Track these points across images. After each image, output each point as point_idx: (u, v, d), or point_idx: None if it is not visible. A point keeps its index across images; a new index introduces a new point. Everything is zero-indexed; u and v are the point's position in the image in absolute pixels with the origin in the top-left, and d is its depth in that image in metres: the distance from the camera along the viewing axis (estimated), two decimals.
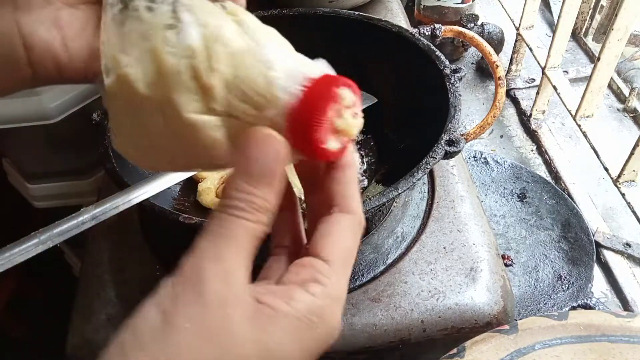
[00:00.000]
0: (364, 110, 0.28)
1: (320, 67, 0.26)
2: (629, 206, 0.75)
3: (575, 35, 1.13)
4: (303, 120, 0.25)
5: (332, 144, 0.25)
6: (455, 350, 0.45)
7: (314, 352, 0.24)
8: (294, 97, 0.25)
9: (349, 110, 0.26)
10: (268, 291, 0.24)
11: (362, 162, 0.61)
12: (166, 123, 0.25)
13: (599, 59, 0.75)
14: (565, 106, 0.86)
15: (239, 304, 0.23)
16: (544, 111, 0.98)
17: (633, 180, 0.74)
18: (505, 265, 0.74)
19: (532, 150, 0.96)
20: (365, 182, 0.60)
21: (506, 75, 1.07)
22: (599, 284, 0.75)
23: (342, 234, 0.26)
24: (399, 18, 0.85)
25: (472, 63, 1.13)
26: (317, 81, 0.25)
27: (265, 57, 0.25)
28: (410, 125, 0.60)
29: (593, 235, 0.76)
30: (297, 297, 0.24)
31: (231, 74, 0.25)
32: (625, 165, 0.73)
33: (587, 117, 0.82)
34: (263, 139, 0.24)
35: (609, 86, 1.01)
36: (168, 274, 0.23)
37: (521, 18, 0.98)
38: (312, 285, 0.24)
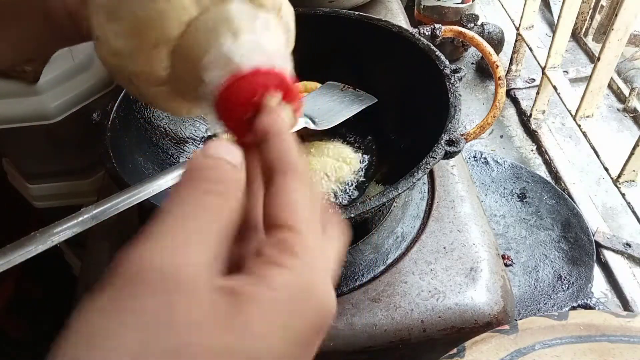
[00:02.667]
0: (363, 111, 0.28)
1: (265, 59, 0.25)
2: (629, 206, 0.75)
3: (575, 35, 1.13)
4: (221, 115, 0.25)
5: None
6: (455, 350, 0.45)
7: (311, 339, 0.19)
8: (218, 87, 0.25)
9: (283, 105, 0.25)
10: (234, 278, 0.19)
11: (362, 162, 0.61)
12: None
13: (599, 59, 0.75)
14: (565, 106, 0.86)
15: (194, 298, 0.17)
16: (544, 111, 0.98)
17: (633, 180, 0.74)
18: (505, 265, 0.74)
19: (532, 150, 0.96)
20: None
21: (506, 75, 1.07)
22: (599, 284, 0.75)
23: (292, 194, 0.21)
24: (399, 18, 0.85)
25: (472, 63, 1.13)
26: (237, 81, 0.24)
27: (213, 33, 0.25)
28: (410, 125, 0.60)
29: (593, 235, 0.76)
30: (270, 275, 0.19)
31: (179, 41, 0.26)
32: (625, 165, 0.73)
33: (587, 117, 0.82)
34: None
35: (609, 86, 1.01)
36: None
37: (521, 18, 0.98)
38: (286, 259, 0.19)
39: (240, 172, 0.22)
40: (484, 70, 1.09)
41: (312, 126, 0.57)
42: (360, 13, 0.64)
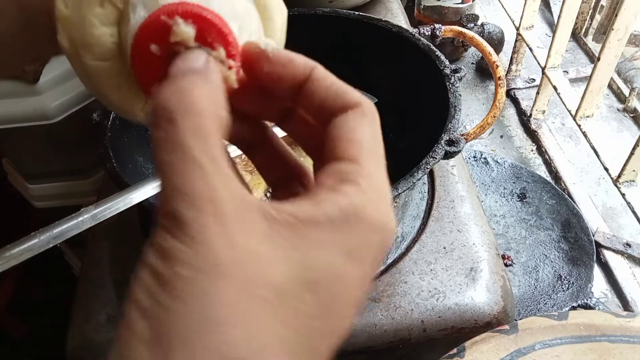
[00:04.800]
0: None
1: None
2: (629, 206, 0.75)
3: (575, 35, 1.13)
4: (134, 62, 0.23)
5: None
6: (455, 350, 0.45)
7: (371, 260, 0.19)
8: (138, 23, 0.23)
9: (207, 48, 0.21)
10: (285, 203, 0.19)
11: None
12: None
13: (599, 59, 0.75)
14: (565, 106, 0.86)
15: (245, 222, 0.17)
16: (544, 111, 0.98)
17: (633, 180, 0.74)
18: (505, 265, 0.74)
19: (532, 150, 0.96)
20: None
21: (506, 75, 1.07)
22: (599, 284, 0.75)
23: (356, 129, 0.20)
24: (399, 18, 0.85)
25: (472, 63, 1.13)
26: (157, 10, 0.22)
27: None
28: (410, 125, 0.60)
29: (593, 235, 0.76)
30: (325, 198, 0.19)
31: None
32: (625, 165, 0.73)
33: (587, 117, 0.82)
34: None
35: (609, 86, 1.01)
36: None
37: (521, 18, 0.98)
38: (342, 186, 0.19)
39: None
40: (484, 70, 1.09)
41: None
42: (360, 13, 0.64)
